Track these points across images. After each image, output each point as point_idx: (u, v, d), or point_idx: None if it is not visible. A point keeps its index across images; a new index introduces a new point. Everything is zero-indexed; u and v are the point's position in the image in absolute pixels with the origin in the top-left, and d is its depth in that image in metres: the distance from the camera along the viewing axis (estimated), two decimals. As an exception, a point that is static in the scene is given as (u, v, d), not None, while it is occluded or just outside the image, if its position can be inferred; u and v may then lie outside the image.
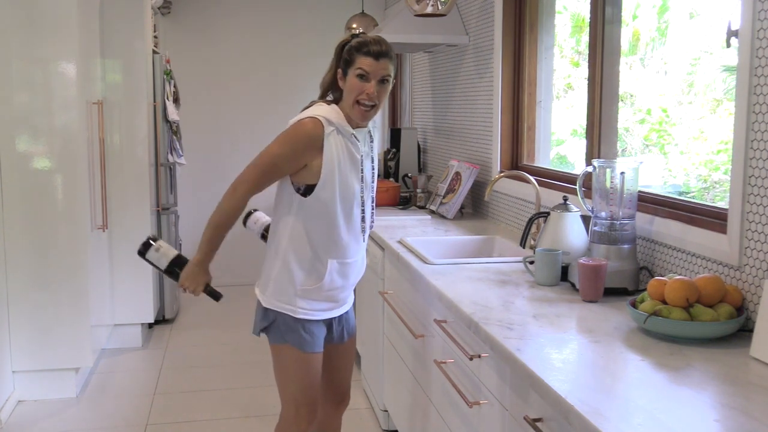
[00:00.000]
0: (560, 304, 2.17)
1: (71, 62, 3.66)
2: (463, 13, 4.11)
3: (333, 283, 2.33)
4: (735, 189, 1.96)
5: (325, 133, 2.21)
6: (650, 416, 1.39)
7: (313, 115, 2.23)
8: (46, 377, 3.75)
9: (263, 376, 4.04)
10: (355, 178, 2.29)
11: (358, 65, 2.22)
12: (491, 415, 1.96)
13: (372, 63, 2.21)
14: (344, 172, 2.25)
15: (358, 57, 2.22)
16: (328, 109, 2.26)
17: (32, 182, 3.65)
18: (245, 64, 6.00)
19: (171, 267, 2.39)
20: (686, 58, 3.31)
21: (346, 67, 2.25)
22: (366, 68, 2.21)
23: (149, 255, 2.40)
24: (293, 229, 2.29)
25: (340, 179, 2.25)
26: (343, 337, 2.50)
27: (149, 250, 2.40)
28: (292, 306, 2.31)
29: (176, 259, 2.40)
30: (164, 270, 2.41)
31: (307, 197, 2.25)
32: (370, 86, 2.22)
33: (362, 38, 2.26)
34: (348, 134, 2.27)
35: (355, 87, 2.22)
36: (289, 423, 2.39)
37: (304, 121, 2.23)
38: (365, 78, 2.22)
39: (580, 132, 3.69)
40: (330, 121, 2.23)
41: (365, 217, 2.36)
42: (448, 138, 4.50)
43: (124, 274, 4.51)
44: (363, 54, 2.22)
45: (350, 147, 2.27)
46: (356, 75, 2.22)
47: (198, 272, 2.35)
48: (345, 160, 2.26)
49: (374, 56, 2.21)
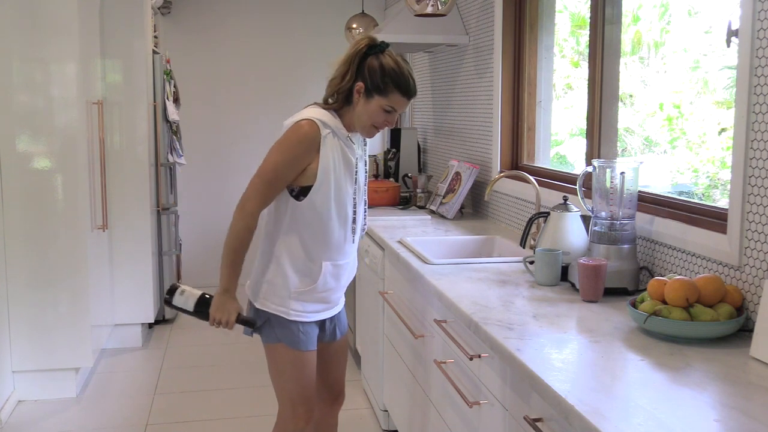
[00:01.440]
0: (560, 304, 2.17)
1: (71, 62, 3.66)
2: (463, 13, 4.11)
3: (326, 285, 2.33)
4: (735, 189, 1.96)
5: (321, 135, 2.21)
6: (650, 416, 1.39)
7: (308, 117, 2.22)
8: (46, 377, 3.75)
9: (263, 376, 4.03)
10: (348, 181, 2.29)
11: (390, 101, 2.21)
12: (491, 415, 1.96)
13: (405, 102, 2.23)
14: (339, 174, 2.25)
15: (394, 93, 2.21)
16: (323, 112, 2.25)
17: (32, 182, 3.65)
18: (245, 63, 6.00)
19: (198, 306, 2.34)
20: (695, 56, 3.30)
21: (374, 91, 2.21)
22: (398, 106, 2.23)
23: (175, 300, 2.36)
24: (287, 231, 2.29)
25: (335, 182, 2.25)
26: (335, 336, 2.50)
27: (174, 296, 2.36)
28: (285, 308, 2.31)
29: (202, 298, 2.35)
30: (193, 311, 2.35)
31: (301, 199, 2.25)
32: (393, 118, 2.25)
33: (400, 68, 2.21)
34: (344, 137, 2.26)
35: (379, 117, 2.23)
36: (286, 422, 2.39)
37: (300, 124, 2.22)
38: (391, 114, 2.24)
39: (575, 133, 3.69)
40: (325, 124, 2.22)
41: (357, 219, 2.35)
42: (448, 138, 4.50)
43: (124, 274, 4.50)
44: (401, 92, 2.21)
45: (345, 150, 2.27)
46: (385, 108, 2.22)
47: (226, 302, 2.28)
48: (340, 162, 2.25)
49: (408, 97, 2.23)
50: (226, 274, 2.27)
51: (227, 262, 2.26)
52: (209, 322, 2.32)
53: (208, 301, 2.33)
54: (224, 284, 2.27)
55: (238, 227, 2.23)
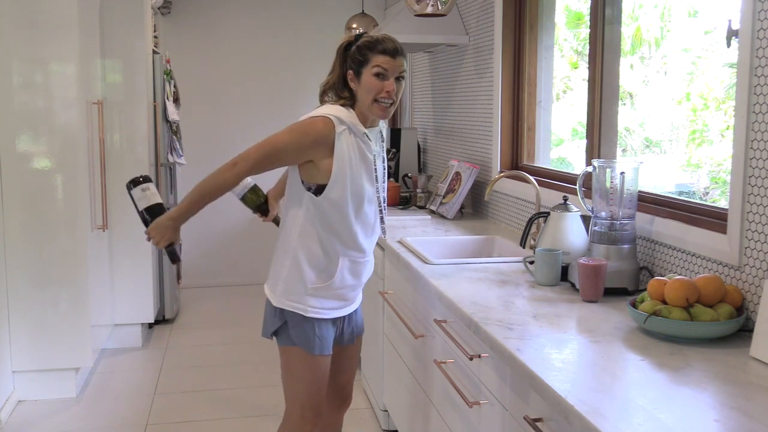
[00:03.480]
0: (560, 304, 2.17)
1: (71, 62, 3.65)
2: (463, 13, 4.11)
3: (344, 281, 2.32)
4: (735, 189, 1.96)
5: (336, 133, 2.20)
6: (650, 416, 1.39)
7: (324, 114, 2.22)
8: (46, 377, 3.75)
9: (263, 376, 4.05)
10: (367, 178, 2.27)
11: (374, 63, 2.20)
12: (491, 415, 1.96)
13: (389, 60, 2.20)
14: (355, 171, 2.24)
15: (374, 56, 2.20)
16: (339, 109, 2.25)
17: (32, 182, 3.65)
18: (245, 63, 6.00)
19: (148, 212, 2.35)
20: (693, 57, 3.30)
21: (359, 67, 2.23)
22: (384, 65, 2.20)
23: (134, 192, 2.36)
24: (303, 227, 2.28)
25: (351, 179, 2.23)
26: (352, 338, 2.50)
27: (136, 187, 2.36)
28: (302, 305, 2.30)
29: (156, 207, 2.35)
30: (139, 211, 2.36)
31: (318, 197, 2.24)
32: (390, 83, 2.21)
33: (373, 36, 2.25)
34: (360, 134, 2.25)
35: (374, 86, 2.21)
36: (293, 424, 2.38)
37: (315, 119, 2.21)
38: (383, 76, 2.21)
39: (571, 134, 3.69)
40: (342, 120, 2.22)
41: (383, 217, 2.35)
42: (448, 138, 4.50)
43: (124, 274, 4.51)
44: (379, 52, 2.20)
45: (362, 147, 2.26)
46: (374, 74, 2.20)
47: (168, 227, 2.30)
48: (356, 159, 2.24)
49: (391, 54, 2.21)
50: (184, 206, 2.28)
51: (193, 197, 2.26)
52: (145, 232, 2.35)
53: (157, 214, 2.34)
54: (176, 212, 2.29)
55: (222, 178, 2.23)
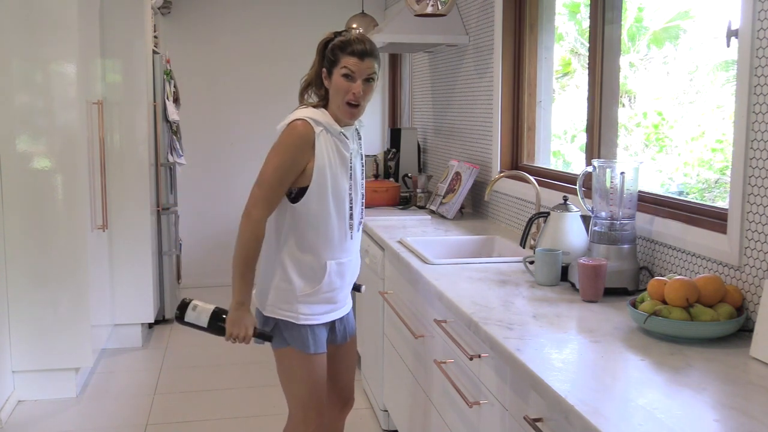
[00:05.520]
0: (560, 304, 2.17)
1: (71, 62, 3.65)
2: (463, 13, 4.11)
3: (332, 284, 2.33)
4: (735, 189, 1.96)
5: (315, 133, 2.21)
6: (650, 416, 1.39)
7: (300, 117, 2.23)
8: (46, 377, 3.75)
9: (263, 376, 4.04)
10: (344, 177, 2.29)
11: (343, 64, 2.21)
12: (491, 415, 1.96)
13: (357, 62, 2.21)
14: (335, 171, 2.26)
15: (343, 57, 2.21)
16: (313, 110, 2.26)
17: (32, 182, 3.65)
18: (245, 64, 6.00)
19: (212, 322, 2.28)
20: (688, 56, 3.30)
21: (330, 67, 2.24)
22: (351, 68, 2.20)
23: (188, 316, 2.29)
24: (287, 235, 2.28)
25: (332, 179, 2.25)
26: (345, 338, 2.50)
27: (186, 312, 2.29)
28: (293, 313, 2.30)
29: (215, 312, 2.29)
30: (207, 326, 2.28)
31: (299, 201, 2.24)
32: (357, 86, 2.21)
33: (345, 37, 2.25)
34: (336, 133, 2.26)
35: (342, 87, 2.22)
36: (297, 426, 2.38)
37: (294, 124, 2.22)
38: (351, 78, 2.21)
39: (564, 137, 3.69)
40: (317, 122, 2.23)
41: (353, 214, 2.35)
42: (448, 138, 4.50)
43: (124, 274, 4.51)
44: (348, 54, 2.21)
45: (339, 146, 2.27)
46: (342, 75, 2.21)
47: (242, 316, 2.23)
48: (335, 159, 2.26)
49: (359, 56, 2.20)
50: (238, 287, 2.22)
51: (238, 273, 2.21)
52: (225, 338, 2.27)
53: (222, 315, 2.28)
54: (238, 297, 2.22)
55: (246, 237, 2.20)
